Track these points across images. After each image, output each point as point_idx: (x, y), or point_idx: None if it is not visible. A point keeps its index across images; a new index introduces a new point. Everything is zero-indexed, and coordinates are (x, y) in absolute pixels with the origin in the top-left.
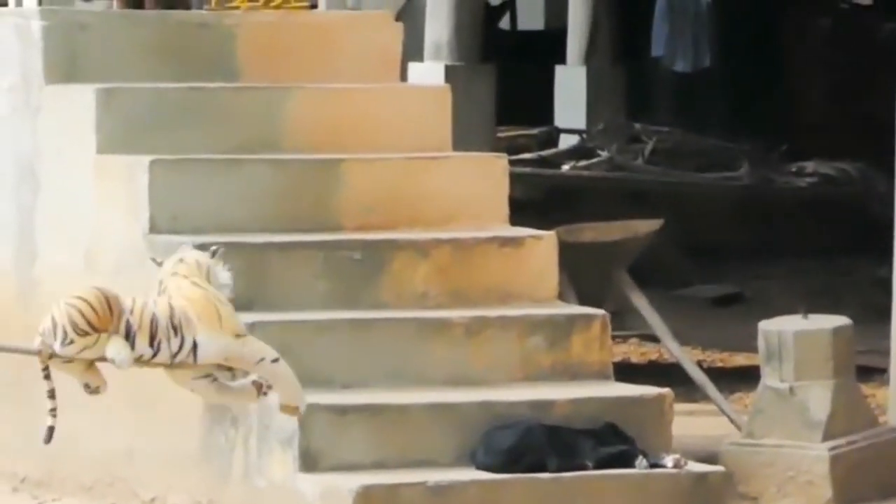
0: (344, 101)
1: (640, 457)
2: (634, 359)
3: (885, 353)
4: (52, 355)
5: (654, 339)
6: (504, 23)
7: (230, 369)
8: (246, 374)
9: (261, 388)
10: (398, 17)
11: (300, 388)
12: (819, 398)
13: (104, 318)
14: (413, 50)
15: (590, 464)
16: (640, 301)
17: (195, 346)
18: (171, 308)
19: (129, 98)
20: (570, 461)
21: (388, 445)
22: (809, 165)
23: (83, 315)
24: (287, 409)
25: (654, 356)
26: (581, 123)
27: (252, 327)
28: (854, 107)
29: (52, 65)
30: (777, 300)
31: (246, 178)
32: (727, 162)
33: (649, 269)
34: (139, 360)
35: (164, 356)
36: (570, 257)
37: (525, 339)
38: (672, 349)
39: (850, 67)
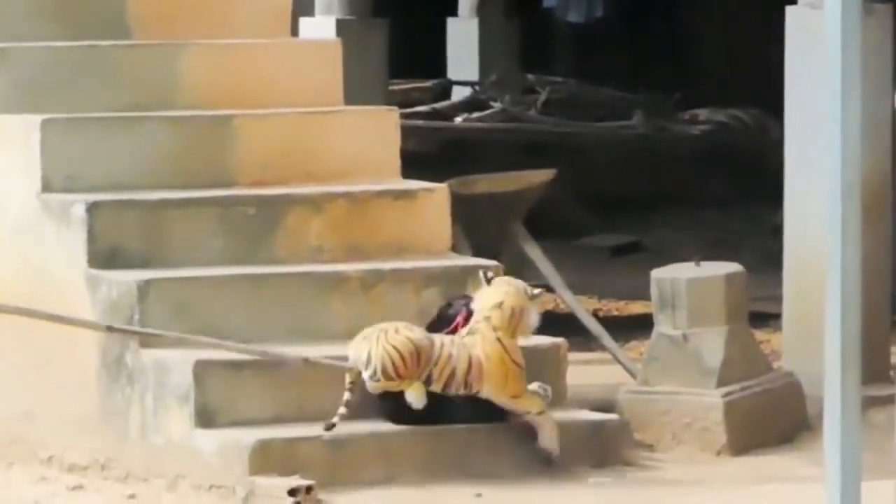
0: (236, 56)
1: None
2: None
3: (780, 299)
4: (359, 376)
5: (549, 289)
6: None
7: None
8: None
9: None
10: None
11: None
12: (712, 345)
13: (411, 370)
14: (304, 4)
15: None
16: (534, 252)
17: (476, 395)
18: (470, 362)
19: (20, 57)
20: (468, 412)
21: (286, 400)
22: (702, 113)
23: (394, 364)
24: (543, 450)
25: (549, 306)
26: (474, 76)
27: (148, 285)
28: (750, 53)
29: None
30: (675, 248)
31: (140, 135)
32: (622, 112)
33: (547, 220)
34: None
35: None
36: (464, 209)
37: (420, 291)
38: (566, 299)
39: (744, 14)
